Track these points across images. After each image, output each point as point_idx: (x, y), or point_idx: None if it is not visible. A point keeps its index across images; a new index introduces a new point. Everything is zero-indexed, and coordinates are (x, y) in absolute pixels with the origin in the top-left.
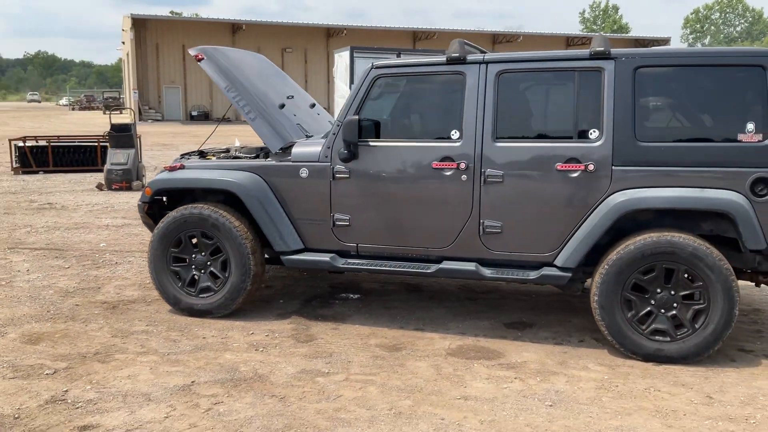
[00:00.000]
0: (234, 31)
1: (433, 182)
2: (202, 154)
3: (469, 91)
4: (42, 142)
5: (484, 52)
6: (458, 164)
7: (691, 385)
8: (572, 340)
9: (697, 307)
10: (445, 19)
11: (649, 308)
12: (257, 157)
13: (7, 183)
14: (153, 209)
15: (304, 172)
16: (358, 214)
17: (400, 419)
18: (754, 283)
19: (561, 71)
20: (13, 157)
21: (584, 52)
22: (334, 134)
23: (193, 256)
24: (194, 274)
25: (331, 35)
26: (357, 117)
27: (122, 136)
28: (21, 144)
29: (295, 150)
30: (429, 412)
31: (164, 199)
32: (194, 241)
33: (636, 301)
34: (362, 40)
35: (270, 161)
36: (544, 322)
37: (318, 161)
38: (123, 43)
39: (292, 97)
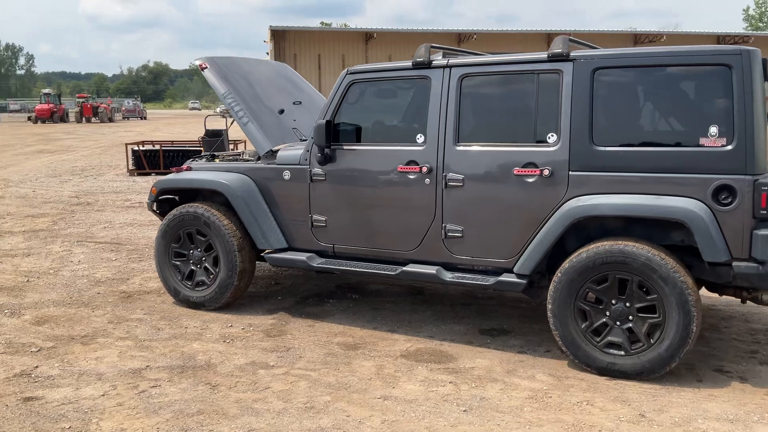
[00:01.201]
0: (366, 39)
1: (399, 186)
2: (213, 157)
3: (433, 95)
4: (157, 147)
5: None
6: (421, 168)
7: (630, 402)
8: (539, 349)
9: (652, 321)
10: (598, 20)
11: (603, 320)
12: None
13: (117, 183)
14: (165, 208)
15: (287, 174)
16: (333, 216)
17: (308, 413)
18: (740, 300)
19: (521, 74)
20: (130, 159)
21: (543, 54)
22: (312, 138)
23: (191, 251)
24: (192, 269)
25: (462, 40)
26: (324, 121)
27: (213, 141)
28: (136, 148)
29: (280, 153)
30: (339, 409)
31: (177, 198)
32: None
33: (590, 311)
34: (493, 45)
35: (259, 164)
36: (522, 331)
37: (298, 164)
38: (267, 54)
39: (300, 103)
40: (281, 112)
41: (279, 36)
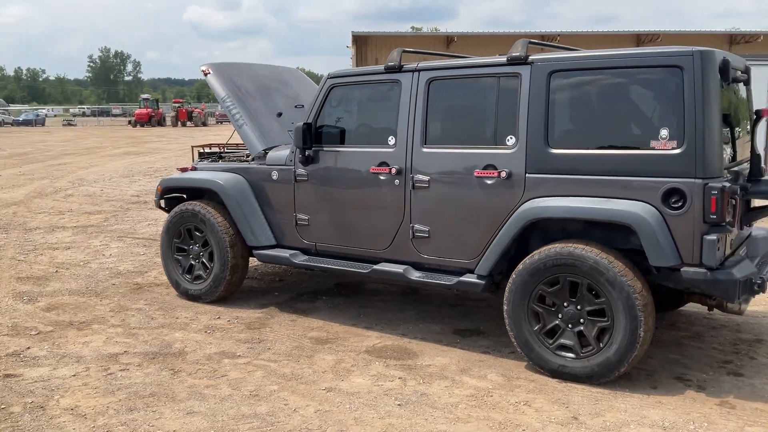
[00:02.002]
0: (447, 43)
1: (371, 186)
2: (220, 158)
3: (403, 98)
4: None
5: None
6: (391, 169)
7: (570, 405)
8: (505, 350)
9: (601, 324)
10: (702, 20)
11: (556, 322)
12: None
13: None
14: (175, 205)
15: (274, 175)
16: (315, 215)
17: (250, 400)
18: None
19: (484, 77)
20: (195, 160)
21: (503, 58)
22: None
23: (191, 246)
24: (191, 263)
25: (546, 39)
26: (302, 124)
27: None
28: (202, 150)
29: (269, 154)
30: (281, 398)
31: (185, 196)
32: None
33: (543, 313)
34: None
35: (252, 164)
36: (496, 332)
37: (284, 165)
38: (351, 59)
39: (302, 106)
40: (279, 115)
41: (361, 41)
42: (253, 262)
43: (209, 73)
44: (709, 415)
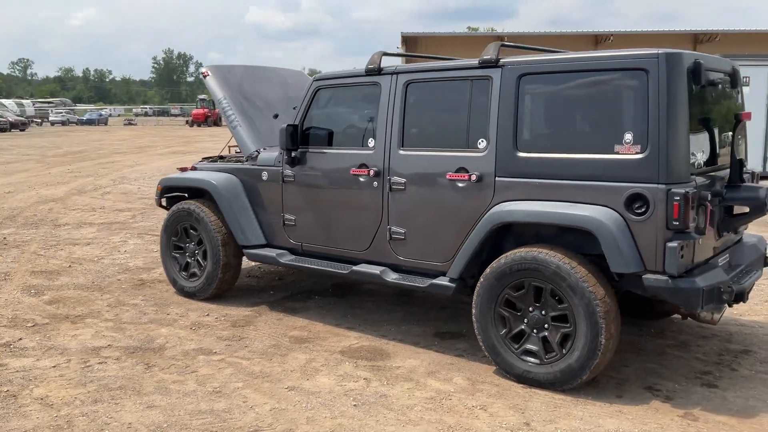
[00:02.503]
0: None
1: (352, 188)
2: (221, 158)
3: (382, 100)
4: None
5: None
6: (369, 171)
7: (527, 411)
8: (479, 354)
9: (564, 330)
10: None
11: (522, 327)
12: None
13: None
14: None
15: (264, 175)
16: (300, 215)
17: (211, 396)
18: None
19: (457, 80)
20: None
21: (475, 60)
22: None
23: (187, 245)
24: (187, 261)
25: (598, 42)
26: (286, 125)
27: None
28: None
29: (260, 155)
30: (242, 395)
31: (186, 195)
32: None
33: (510, 318)
34: (631, 46)
35: (245, 165)
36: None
37: (273, 165)
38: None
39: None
40: (276, 116)
41: (411, 42)
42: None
43: (208, 75)
44: (667, 426)
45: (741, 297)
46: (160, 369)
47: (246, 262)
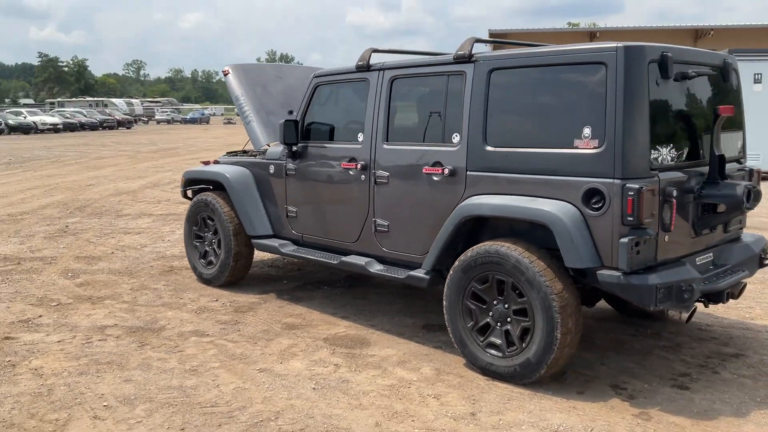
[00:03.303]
0: (591, 38)
1: (342, 181)
2: (245, 153)
3: (370, 96)
4: None
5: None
6: (357, 165)
7: (478, 401)
8: (455, 346)
9: (524, 324)
10: None
11: (487, 320)
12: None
13: None
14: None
15: (271, 168)
16: (301, 207)
17: (185, 374)
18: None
19: (436, 75)
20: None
21: (450, 56)
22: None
23: (205, 234)
24: (206, 249)
25: (698, 37)
26: (284, 121)
27: None
28: None
29: (269, 149)
30: (215, 375)
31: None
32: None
33: (476, 310)
34: (731, 41)
35: (256, 158)
36: None
37: (279, 159)
38: None
39: None
40: (291, 113)
41: (501, 37)
42: None
43: (228, 73)
44: (615, 424)
45: (718, 297)
46: (152, 348)
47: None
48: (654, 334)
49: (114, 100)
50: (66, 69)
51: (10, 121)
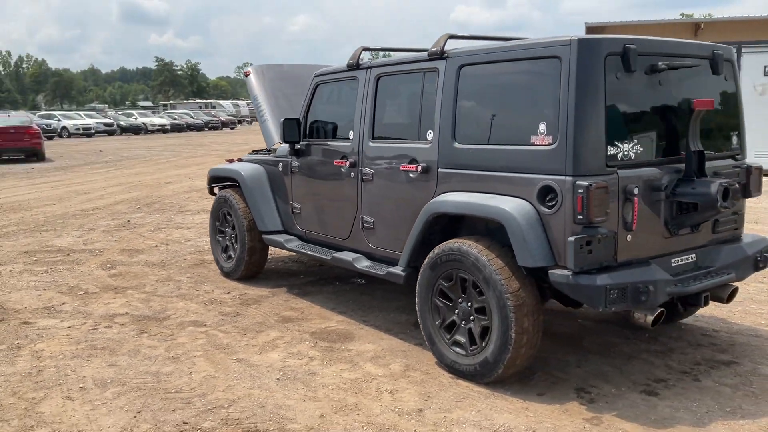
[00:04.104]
0: (695, 30)
1: (335, 178)
2: (269, 152)
3: (359, 94)
4: None
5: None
6: (347, 162)
7: (432, 398)
8: None
9: (484, 323)
10: None
11: (453, 318)
12: None
13: None
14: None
15: (280, 166)
16: (304, 204)
17: (167, 361)
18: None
19: (414, 73)
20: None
21: (424, 53)
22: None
23: (226, 229)
24: (226, 244)
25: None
26: (284, 119)
27: None
28: None
29: (279, 148)
30: (192, 363)
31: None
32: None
33: (444, 308)
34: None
35: (268, 156)
36: None
37: (285, 157)
38: None
39: None
40: None
41: (597, 32)
42: None
43: (249, 74)
44: (561, 427)
45: (695, 300)
46: (148, 335)
47: None
48: (650, 338)
49: (222, 102)
50: (180, 72)
51: (122, 123)
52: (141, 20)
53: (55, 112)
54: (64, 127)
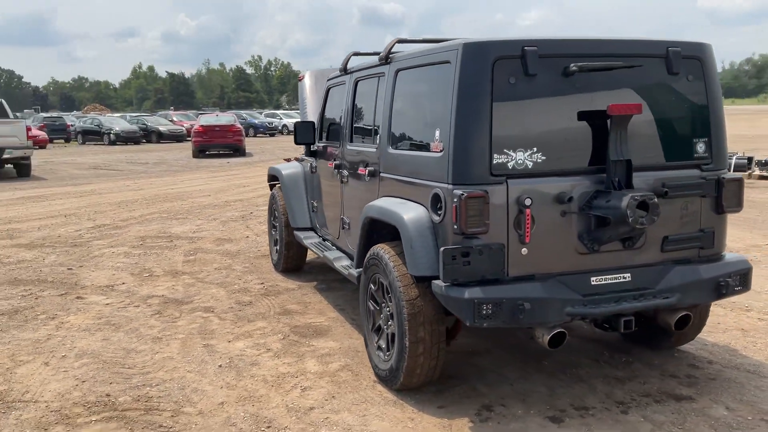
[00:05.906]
0: None
1: (329, 179)
2: None
3: (346, 98)
4: None
5: None
6: (332, 164)
7: (333, 399)
8: None
9: (392, 329)
10: None
11: (379, 322)
12: None
13: None
14: None
15: (307, 166)
16: (316, 203)
17: (148, 340)
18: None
19: (372, 78)
20: None
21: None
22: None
23: (275, 223)
24: (276, 237)
25: None
26: (295, 122)
27: None
28: None
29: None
30: (168, 344)
31: None
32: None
33: (374, 312)
34: None
35: (306, 157)
36: None
37: (311, 158)
38: None
39: None
40: None
41: None
42: None
43: (302, 79)
44: None
45: (614, 323)
46: (160, 316)
47: None
48: (625, 362)
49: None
50: None
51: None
52: (378, 22)
53: (278, 111)
54: (284, 125)
